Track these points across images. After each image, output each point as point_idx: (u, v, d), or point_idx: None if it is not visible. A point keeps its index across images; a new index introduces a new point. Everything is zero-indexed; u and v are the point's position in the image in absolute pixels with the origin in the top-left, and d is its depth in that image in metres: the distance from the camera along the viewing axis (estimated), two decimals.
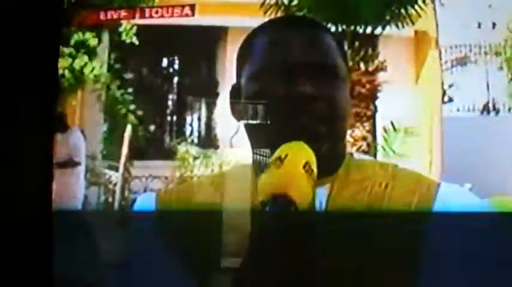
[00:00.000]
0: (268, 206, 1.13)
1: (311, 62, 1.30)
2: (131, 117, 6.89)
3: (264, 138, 1.28)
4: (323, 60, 1.31)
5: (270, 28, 1.37)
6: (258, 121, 1.27)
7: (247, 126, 1.33)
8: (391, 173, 1.34)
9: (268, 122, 1.27)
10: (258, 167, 1.28)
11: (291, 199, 1.14)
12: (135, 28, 6.46)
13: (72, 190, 5.95)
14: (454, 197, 1.30)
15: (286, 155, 1.18)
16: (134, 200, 1.42)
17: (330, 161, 1.29)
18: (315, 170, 1.19)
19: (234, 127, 1.32)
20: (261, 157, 1.27)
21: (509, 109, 6.58)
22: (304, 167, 1.18)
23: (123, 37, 6.45)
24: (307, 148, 1.21)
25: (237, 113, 1.34)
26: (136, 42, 6.51)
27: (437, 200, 1.29)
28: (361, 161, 1.39)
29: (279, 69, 1.29)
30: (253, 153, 1.31)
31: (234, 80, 1.39)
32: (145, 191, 6.37)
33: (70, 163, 5.87)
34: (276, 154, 1.19)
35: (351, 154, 1.38)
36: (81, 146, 6.10)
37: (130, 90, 7.00)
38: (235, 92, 1.35)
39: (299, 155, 1.20)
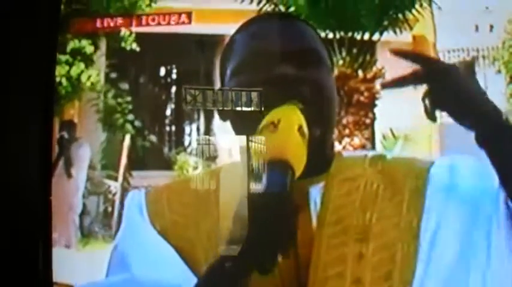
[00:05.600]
0: (266, 171, 1.12)
1: (291, 48, 1.28)
2: (128, 126, 6.90)
3: (249, 126, 1.22)
4: (303, 45, 1.30)
5: (248, 26, 1.36)
6: (242, 111, 1.25)
7: (233, 121, 1.31)
8: (381, 170, 1.32)
9: (252, 109, 1.23)
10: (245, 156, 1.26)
11: (289, 163, 1.13)
12: (133, 35, 6.47)
13: (70, 201, 5.99)
14: (447, 181, 1.28)
15: (280, 120, 1.17)
16: None
17: (322, 152, 1.28)
18: (307, 132, 1.18)
19: (234, 137, 1.30)
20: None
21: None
22: (298, 130, 1.17)
23: (123, 44, 6.47)
24: (297, 110, 1.19)
25: (223, 112, 1.32)
26: (138, 49, 6.52)
27: (429, 191, 1.27)
28: (351, 158, 1.38)
29: (259, 59, 1.27)
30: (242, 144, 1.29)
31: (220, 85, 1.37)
32: None
33: (71, 174, 5.91)
34: (268, 118, 1.17)
35: (339, 152, 1.38)
36: (86, 160, 6.15)
37: (127, 99, 7.02)
38: (219, 100, 1.33)
39: (292, 118, 1.18)
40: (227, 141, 1.26)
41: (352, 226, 1.26)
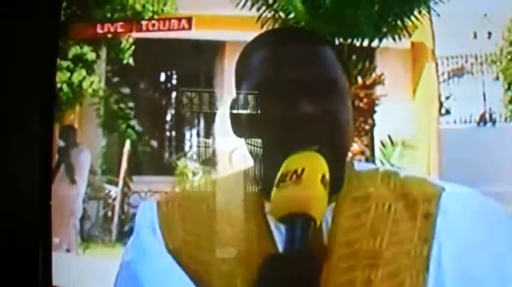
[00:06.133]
0: (289, 225, 1.10)
1: (310, 79, 1.26)
2: (131, 132, 6.87)
3: (266, 155, 1.24)
4: (323, 76, 1.28)
5: (268, 41, 1.34)
6: (258, 139, 1.23)
7: (247, 142, 1.29)
8: (393, 189, 1.30)
9: (269, 140, 1.23)
10: (258, 180, 1.24)
11: (311, 217, 1.11)
12: (132, 49, 6.44)
13: (72, 206, 5.96)
14: (458, 206, 1.28)
15: (303, 169, 1.14)
16: (134, 215, 1.41)
17: (336, 180, 1.26)
18: (328, 179, 1.17)
19: (234, 142, 1.29)
20: (262, 171, 1.23)
21: (505, 119, 6.55)
22: (321, 181, 1.15)
23: (121, 56, 6.44)
24: (320, 158, 1.18)
25: (237, 128, 1.31)
26: (132, 64, 6.49)
27: (439, 218, 1.27)
28: (362, 174, 1.35)
29: (277, 86, 1.25)
30: (254, 167, 1.27)
31: (233, 95, 1.35)
32: None
33: (74, 180, 5.88)
34: (291, 165, 1.15)
35: (351, 163, 1.36)
36: (86, 165, 6.12)
37: (129, 104, 6.98)
38: (234, 107, 1.32)
39: (316, 168, 1.16)
40: (227, 145, 1.26)
41: (362, 250, 1.24)
